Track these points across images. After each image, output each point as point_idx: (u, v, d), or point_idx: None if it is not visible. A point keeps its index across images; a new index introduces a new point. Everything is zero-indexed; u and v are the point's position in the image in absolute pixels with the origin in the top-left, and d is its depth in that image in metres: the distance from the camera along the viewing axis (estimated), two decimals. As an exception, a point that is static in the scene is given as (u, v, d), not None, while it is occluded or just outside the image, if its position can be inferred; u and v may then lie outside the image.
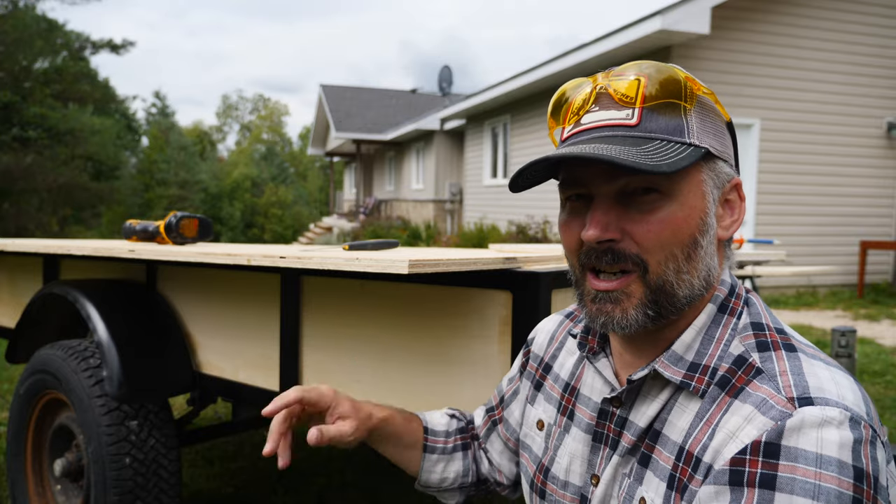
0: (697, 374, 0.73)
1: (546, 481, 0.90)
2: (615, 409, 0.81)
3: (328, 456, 3.23)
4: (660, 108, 0.72)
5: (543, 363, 0.99)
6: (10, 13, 20.94)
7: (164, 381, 2.01)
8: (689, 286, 0.73)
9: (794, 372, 0.68)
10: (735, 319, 0.76)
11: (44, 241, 2.50)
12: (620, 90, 0.73)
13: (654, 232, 0.71)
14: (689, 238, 0.73)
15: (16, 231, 20.01)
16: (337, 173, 31.15)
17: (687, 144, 0.72)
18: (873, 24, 8.72)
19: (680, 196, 0.72)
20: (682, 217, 0.72)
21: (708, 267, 0.75)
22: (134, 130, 39.30)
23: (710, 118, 0.75)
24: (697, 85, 0.74)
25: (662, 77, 0.72)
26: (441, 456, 1.04)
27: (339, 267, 1.21)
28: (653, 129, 0.71)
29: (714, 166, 0.75)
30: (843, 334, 3.66)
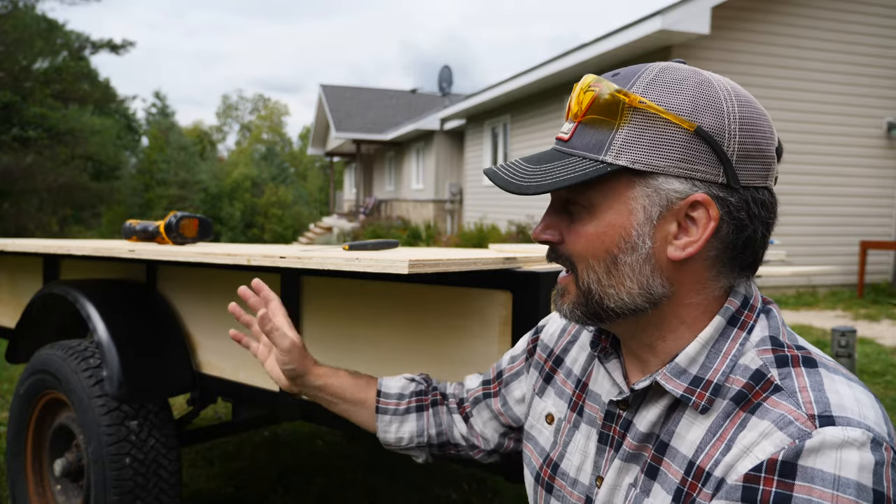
0: (699, 388, 0.72)
1: (555, 476, 0.90)
2: (621, 411, 0.81)
3: (328, 456, 3.23)
4: (591, 122, 0.72)
5: (554, 355, 0.99)
6: (10, 13, 20.93)
7: (164, 381, 2.01)
8: (618, 298, 0.74)
9: (815, 388, 0.66)
10: (745, 333, 0.73)
11: (44, 241, 2.50)
12: (574, 104, 0.74)
13: (574, 242, 0.76)
14: (603, 253, 0.73)
15: (16, 231, 20.01)
16: (337, 173, 31.15)
17: (597, 161, 0.70)
18: (873, 24, 8.72)
19: (598, 212, 0.73)
20: (596, 233, 0.74)
21: (643, 284, 0.72)
22: (134, 130, 39.31)
23: (654, 130, 0.69)
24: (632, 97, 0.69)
25: (604, 93, 0.71)
26: (393, 417, 1.11)
27: (339, 267, 1.20)
28: (577, 145, 0.73)
29: (650, 182, 0.70)
30: (843, 334, 3.66)
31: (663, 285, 0.73)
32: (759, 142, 0.71)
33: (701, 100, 0.69)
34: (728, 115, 0.69)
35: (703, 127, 0.68)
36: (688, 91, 0.69)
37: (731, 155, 0.69)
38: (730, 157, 0.69)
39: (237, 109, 56.18)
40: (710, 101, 0.69)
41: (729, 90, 0.71)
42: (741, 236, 0.72)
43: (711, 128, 0.68)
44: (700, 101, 0.69)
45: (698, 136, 0.68)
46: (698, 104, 0.69)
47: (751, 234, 0.72)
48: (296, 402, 1.72)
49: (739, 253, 0.73)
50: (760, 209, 0.72)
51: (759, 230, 0.73)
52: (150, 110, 45.09)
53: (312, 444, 3.40)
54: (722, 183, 0.70)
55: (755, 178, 0.71)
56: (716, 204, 0.70)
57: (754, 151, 0.71)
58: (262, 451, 3.28)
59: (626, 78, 0.72)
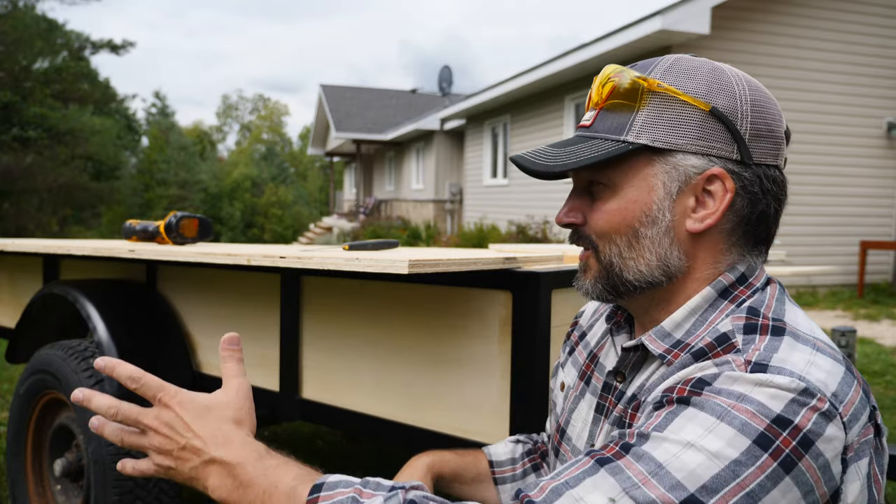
0: (677, 349, 0.76)
1: (561, 441, 0.93)
2: (618, 383, 0.84)
3: (328, 456, 3.23)
4: (613, 107, 0.77)
5: (581, 330, 1.02)
6: (10, 13, 20.94)
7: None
8: (637, 271, 0.78)
9: (767, 349, 0.67)
10: (734, 306, 0.76)
11: (44, 241, 2.50)
12: (595, 94, 0.79)
13: (597, 220, 0.80)
14: (627, 228, 0.77)
15: (16, 231, 20.01)
16: (337, 173, 31.15)
17: (619, 141, 0.75)
18: (873, 24, 8.72)
19: (620, 189, 0.77)
20: (619, 209, 0.78)
21: (661, 256, 0.77)
22: (134, 130, 39.31)
23: (672, 111, 0.74)
24: (651, 82, 0.75)
25: (624, 80, 0.76)
26: (514, 483, 1.04)
27: (339, 267, 1.21)
28: (599, 128, 0.78)
29: (669, 159, 0.75)
30: (843, 334, 3.65)
31: (680, 258, 0.77)
32: (770, 123, 0.76)
33: (714, 84, 0.75)
34: (740, 98, 0.74)
35: (717, 107, 0.73)
36: (702, 76, 0.75)
37: (744, 133, 0.74)
38: (743, 136, 0.74)
39: (237, 109, 56.21)
40: (722, 85, 0.75)
41: (740, 76, 0.77)
42: (755, 210, 0.76)
43: (725, 108, 0.74)
44: (714, 84, 0.75)
45: (713, 115, 0.74)
46: (712, 87, 0.74)
47: (764, 208, 0.76)
48: (296, 402, 1.72)
49: (754, 227, 0.77)
50: (772, 185, 0.76)
51: (771, 205, 0.77)
52: (150, 110, 45.13)
53: (312, 444, 3.40)
54: (736, 159, 0.74)
55: (766, 156, 0.76)
56: (731, 177, 0.74)
57: (765, 131, 0.75)
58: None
59: (644, 67, 0.78)
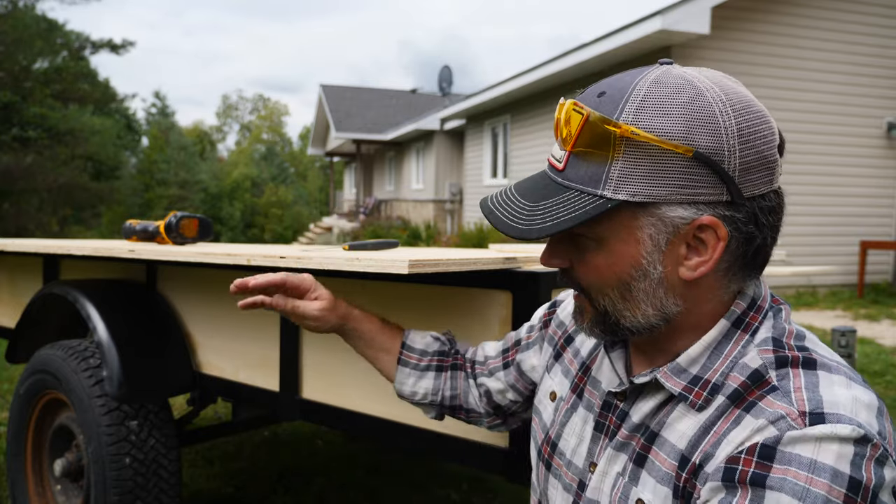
0: (697, 387, 0.73)
1: (553, 455, 0.92)
2: (619, 402, 0.83)
3: (328, 456, 3.23)
4: (584, 155, 0.70)
5: (566, 333, 1.01)
6: (9, 13, 20.93)
7: (164, 381, 2.01)
8: (633, 320, 0.75)
9: (810, 388, 0.66)
10: (748, 336, 0.74)
11: (44, 241, 2.50)
12: (569, 126, 0.71)
13: (584, 272, 0.77)
14: (616, 282, 0.74)
15: (16, 231, 20.00)
16: (337, 173, 31.15)
17: (596, 196, 0.69)
18: (873, 24, 8.72)
19: (606, 244, 0.73)
20: (607, 264, 0.74)
21: (657, 306, 0.73)
22: (134, 130, 39.29)
23: (649, 159, 0.67)
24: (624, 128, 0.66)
25: (595, 121, 0.68)
26: (412, 371, 1.13)
27: (339, 267, 1.21)
28: (572, 177, 0.71)
29: (654, 212, 0.69)
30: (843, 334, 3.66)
31: (676, 303, 0.74)
32: (761, 149, 0.69)
33: (695, 119, 0.66)
34: (725, 131, 0.66)
35: (700, 150, 0.66)
36: (680, 111, 0.66)
37: (733, 171, 0.67)
38: (731, 175, 0.67)
39: (237, 109, 56.20)
40: (704, 118, 0.66)
41: (723, 100, 0.68)
42: (751, 246, 0.72)
43: (709, 148, 0.66)
44: (694, 120, 0.66)
45: (696, 160, 0.66)
46: (693, 125, 0.66)
47: (760, 241, 0.72)
48: (296, 402, 1.72)
49: (750, 260, 0.73)
50: (768, 216, 0.72)
51: (768, 236, 0.73)
52: (150, 110, 45.11)
53: (312, 444, 3.40)
54: (726, 201, 0.68)
55: (760, 186, 0.70)
56: (723, 223, 0.69)
57: (756, 161, 0.68)
58: (262, 451, 3.28)
59: (614, 101, 0.69)
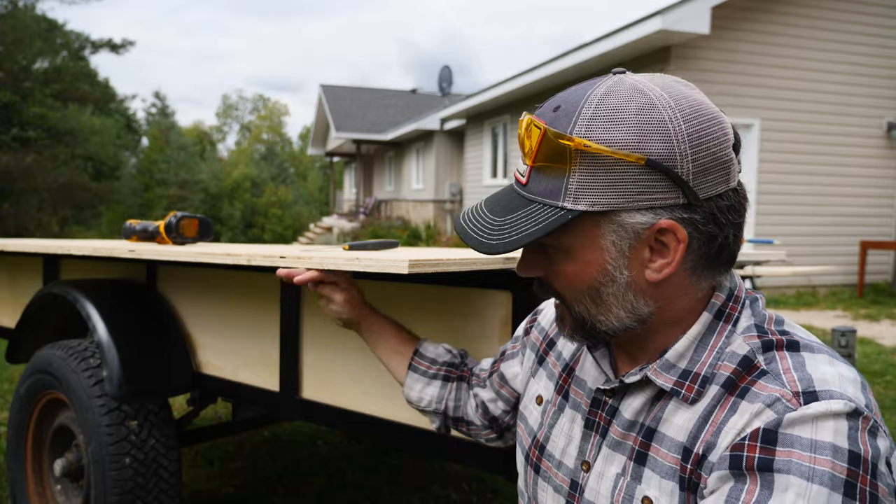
0: (688, 381, 0.75)
1: (542, 457, 0.93)
2: (607, 398, 0.84)
3: (328, 456, 3.23)
4: (544, 170, 0.73)
5: (548, 338, 1.02)
6: (9, 13, 20.94)
7: (164, 381, 2.01)
8: (608, 323, 0.78)
9: (798, 368, 0.70)
10: (730, 326, 0.77)
11: (44, 241, 2.50)
12: (530, 141, 0.74)
13: (556, 281, 0.80)
14: (586, 288, 0.77)
15: (16, 231, 20.02)
16: (337, 173, 31.14)
17: (557, 208, 0.72)
18: (873, 24, 8.72)
19: (573, 252, 0.76)
20: (575, 271, 0.77)
21: (629, 309, 0.76)
22: (134, 130, 39.31)
23: (605, 169, 0.69)
24: (577, 142, 0.69)
25: (547, 139, 0.71)
26: (421, 377, 1.19)
27: (339, 267, 1.21)
28: (535, 190, 0.74)
29: (614, 219, 0.72)
30: (843, 334, 3.66)
31: (647, 304, 0.76)
32: (714, 151, 0.71)
33: (645, 127, 0.69)
34: (676, 136, 0.69)
35: (652, 157, 0.68)
36: (630, 120, 0.69)
37: (687, 175, 0.69)
38: (685, 178, 0.69)
39: (237, 109, 56.22)
40: (654, 125, 0.69)
41: (672, 106, 0.70)
42: (713, 245, 0.74)
43: (661, 155, 0.68)
44: (645, 128, 0.69)
45: (649, 166, 0.69)
46: (643, 133, 0.68)
47: (722, 240, 0.74)
48: (296, 402, 1.72)
49: (715, 258, 0.75)
50: (728, 214, 0.73)
51: (729, 234, 0.74)
52: (149, 110, 45.11)
53: (312, 444, 3.40)
54: (683, 203, 0.71)
55: (716, 186, 0.72)
56: (681, 226, 0.71)
57: (710, 162, 0.70)
58: (262, 451, 3.28)
59: (567, 115, 0.71)
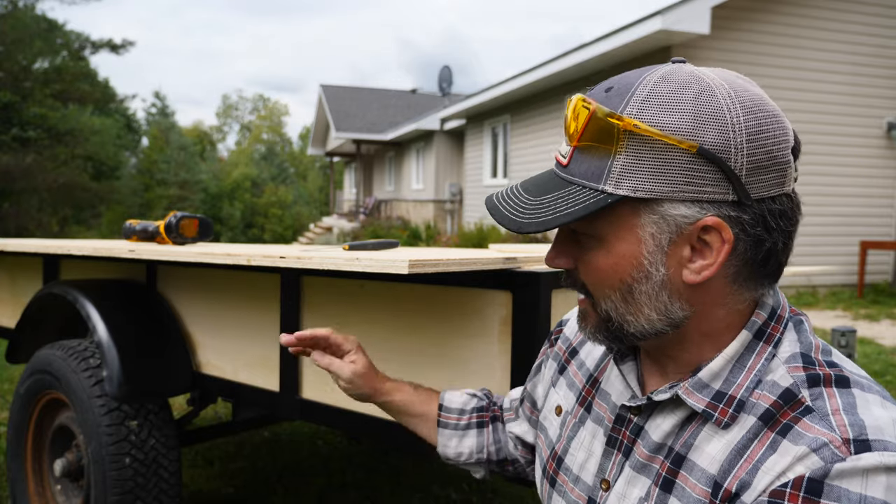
0: (722, 404, 0.69)
1: (559, 471, 0.88)
2: (633, 416, 0.79)
3: (328, 456, 3.23)
4: (587, 149, 0.69)
5: (571, 347, 0.97)
6: (9, 13, 20.95)
7: (164, 381, 2.01)
8: (637, 325, 0.72)
9: (848, 410, 0.63)
10: (771, 347, 0.71)
11: (44, 241, 2.51)
12: (576, 122, 0.70)
13: (586, 273, 0.75)
14: (618, 283, 0.71)
15: (16, 231, 20.02)
16: (337, 173, 31.15)
17: (597, 191, 0.67)
18: (873, 24, 8.73)
19: (607, 242, 0.71)
20: (608, 264, 0.71)
21: (661, 310, 0.70)
22: (134, 130, 39.30)
23: (653, 154, 0.65)
24: (627, 122, 0.65)
25: (599, 115, 0.67)
26: (454, 431, 1.10)
27: (339, 267, 1.21)
28: (575, 172, 0.70)
29: (656, 209, 0.67)
30: (843, 334, 3.66)
31: (682, 308, 0.71)
32: (771, 149, 0.66)
33: (702, 114, 0.64)
34: (733, 128, 0.64)
35: (705, 146, 0.64)
36: (686, 106, 0.65)
37: (740, 170, 0.65)
38: (738, 173, 0.65)
39: (237, 109, 56.23)
40: (711, 113, 0.64)
41: (733, 97, 0.66)
42: (760, 250, 0.68)
43: (715, 145, 0.64)
44: (701, 115, 0.64)
45: (701, 156, 0.64)
46: (699, 120, 0.64)
47: (770, 246, 0.68)
48: (296, 402, 1.72)
49: (760, 266, 0.70)
50: (779, 220, 0.68)
51: (779, 241, 0.69)
52: (149, 110, 45.11)
53: (312, 444, 3.40)
54: (733, 201, 0.66)
55: (770, 188, 0.66)
56: (728, 225, 0.66)
57: (766, 161, 0.65)
58: (262, 451, 3.28)
59: (620, 95, 0.68)
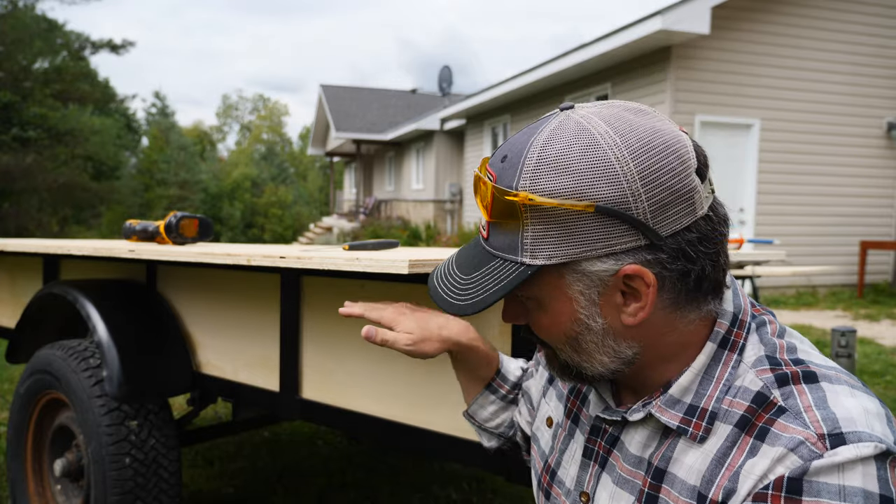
0: (695, 418, 0.71)
1: (552, 483, 0.90)
2: (607, 426, 0.81)
3: (328, 456, 3.23)
4: (498, 225, 0.72)
5: None
6: (9, 13, 20.95)
7: (164, 381, 2.01)
8: (593, 369, 0.75)
9: (819, 405, 0.65)
10: (736, 355, 0.72)
11: (44, 241, 2.51)
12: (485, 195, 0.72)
13: (537, 329, 0.78)
14: (563, 337, 0.74)
15: (16, 231, 20.02)
16: (337, 173, 31.15)
17: (517, 263, 0.70)
18: (873, 24, 8.73)
19: (544, 304, 0.74)
20: (550, 322, 0.75)
21: (611, 353, 0.73)
22: (134, 130, 39.31)
23: (556, 221, 0.67)
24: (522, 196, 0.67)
25: (496, 197, 0.69)
26: (499, 401, 1.10)
27: (339, 267, 1.21)
28: (495, 245, 0.73)
29: (576, 269, 0.69)
30: (843, 334, 3.66)
31: (630, 347, 0.73)
32: (670, 184, 0.66)
33: (590, 171, 0.65)
34: (625, 177, 0.65)
35: (600, 203, 0.65)
36: (574, 166, 0.66)
37: (643, 215, 0.65)
38: (642, 219, 0.65)
39: (237, 109, 56.23)
40: (600, 168, 0.65)
41: (619, 143, 0.66)
42: (689, 280, 0.69)
43: (611, 199, 0.65)
44: (589, 173, 0.65)
45: (600, 213, 0.65)
46: (589, 178, 0.65)
47: (698, 272, 0.69)
48: (296, 402, 1.72)
49: (695, 291, 0.71)
50: (699, 246, 0.68)
51: (706, 265, 0.69)
52: (149, 110, 45.13)
53: (312, 444, 3.40)
54: (646, 245, 0.67)
55: (680, 220, 0.67)
56: (648, 269, 0.67)
57: (668, 197, 0.66)
58: (262, 451, 3.28)
59: (513, 167, 0.69)
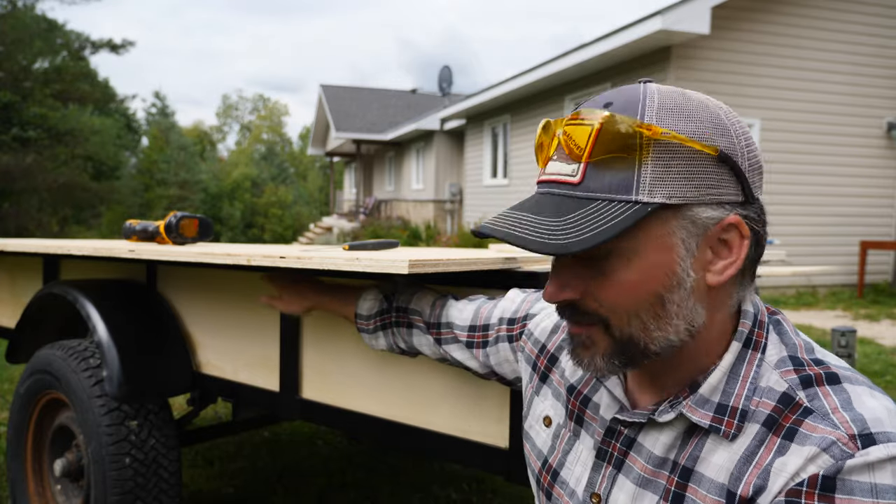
0: (726, 416, 0.71)
1: (554, 484, 0.89)
2: (623, 428, 0.79)
3: (328, 456, 3.23)
4: (606, 162, 0.67)
5: (548, 353, 0.97)
6: (9, 13, 20.95)
7: (164, 381, 2.01)
8: (663, 340, 0.71)
9: (845, 406, 0.66)
10: (759, 354, 0.73)
11: (44, 241, 2.50)
12: (573, 140, 0.69)
13: (611, 294, 0.71)
14: (651, 297, 0.70)
15: (16, 231, 20.02)
16: (337, 173, 31.14)
17: (631, 203, 0.66)
18: (873, 24, 8.73)
19: (636, 256, 0.69)
20: (640, 279, 0.70)
21: (688, 319, 0.71)
22: (134, 130, 39.29)
23: (680, 160, 0.67)
24: (655, 129, 0.66)
25: (614, 127, 0.66)
26: (370, 335, 1.33)
27: (339, 267, 1.20)
28: (595, 188, 0.68)
29: (686, 214, 0.68)
30: (843, 334, 3.66)
31: (702, 315, 0.72)
32: (757, 154, 0.72)
33: (709, 121, 0.68)
34: (736, 135, 0.69)
35: (722, 149, 0.68)
36: (699, 115, 0.68)
37: (746, 172, 0.70)
38: (746, 175, 0.70)
39: (237, 109, 56.23)
40: (717, 123, 0.69)
41: (724, 108, 0.71)
42: (760, 248, 0.74)
43: (728, 149, 0.68)
44: (709, 122, 0.68)
45: (720, 159, 0.68)
46: (710, 126, 0.68)
47: (764, 242, 0.74)
48: (296, 402, 1.72)
49: (755, 264, 0.74)
50: (765, 216, 0.74)
51: (766, 237, 0.74)
52: (149, 110, 45.11)
53: (312, 444, 3.40)
54: (741, 201, 0.70)
55: (760, 188, 0.73)
56: (745, 222, 0.70)
57: (757, 164, 0.72)
58: (262, 451, 3.28)
59: (628, 109, 0.68)
